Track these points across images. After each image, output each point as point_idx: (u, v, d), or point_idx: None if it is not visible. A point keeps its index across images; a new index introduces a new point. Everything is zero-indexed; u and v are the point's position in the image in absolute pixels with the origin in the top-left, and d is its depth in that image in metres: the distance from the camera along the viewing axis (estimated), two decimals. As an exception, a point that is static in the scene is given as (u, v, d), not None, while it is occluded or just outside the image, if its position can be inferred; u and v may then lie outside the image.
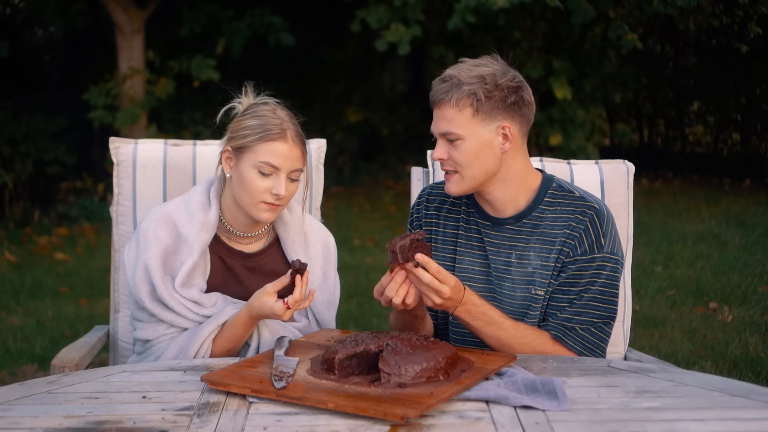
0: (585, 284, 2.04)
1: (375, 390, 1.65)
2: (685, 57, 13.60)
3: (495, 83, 2.03)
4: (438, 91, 2.05)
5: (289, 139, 2.09)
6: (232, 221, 2.19)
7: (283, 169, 2.07)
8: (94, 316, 5.10)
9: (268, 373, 1.76)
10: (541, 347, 2.02)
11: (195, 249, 2.11)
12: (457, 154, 2.04)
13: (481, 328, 2.01)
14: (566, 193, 2.11)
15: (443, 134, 2.05)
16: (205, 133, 9.36)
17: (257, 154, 2.07)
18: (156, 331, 2.10)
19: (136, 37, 8.77)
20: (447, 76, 2.06)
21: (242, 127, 2.12)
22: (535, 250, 2.08)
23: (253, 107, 2.17)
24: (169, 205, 2.18)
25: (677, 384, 1.73)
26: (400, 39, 7.92)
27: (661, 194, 9.96)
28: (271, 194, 2.07)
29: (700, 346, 4.49)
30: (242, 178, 2.09)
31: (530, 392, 1.65)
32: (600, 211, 2.08)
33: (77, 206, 8.70)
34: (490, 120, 2.03)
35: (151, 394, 1.69)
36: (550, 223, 2.08)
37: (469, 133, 2.03)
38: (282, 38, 8.76)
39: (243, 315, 2.05)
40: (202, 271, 2.14)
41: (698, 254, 6.64)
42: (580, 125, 9.38)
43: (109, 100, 8.64)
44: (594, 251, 2.04)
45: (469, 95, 2.01)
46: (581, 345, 2.03)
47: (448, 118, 2.03)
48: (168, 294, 2.07)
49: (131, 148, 2.64)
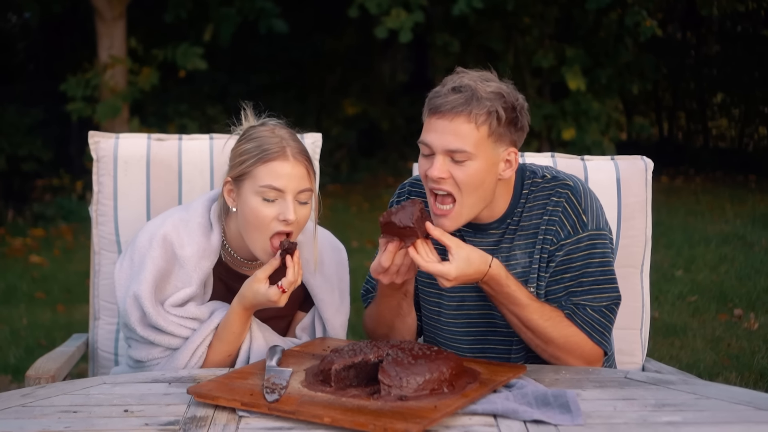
0: (580, 267, 2.03)
1: (374, 403, 1.65)
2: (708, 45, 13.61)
3: (512, 103, 1.99)
4: (451, 101, 1.95)
5: (289, 157, 2.01)
6: (238, 248, 2.15)
7: (289, 191, 2.00)
8: (72, 324, 5.10)
9: (259, 385, 1.76)
10: (565, 329, 2.01)
11: (194, 279, 2.08)
12: (462, 175, 1.97)
13: (504, 306, 2.00)
14: (538, 179, 2.10)
15: (450, 150, 1.95)
16: (191, 126, 9.36)
17: (257, 178, 2.01)
18: (150, 354, 2.09)
19: (117, 23, 8.76)
20: (462, 85, 1.97)
21: (239, 153, 2.06)
22: (520, 247, 2.08)
23: (249, 130, 2.10)
24: (166, 224, 2.13)
25: (699, 397, 1.73)
26: (401, 25, 7.93)
27: (682, 192, 9.96)
28: (280, 221, 2.00)
29: (723, 356, 4.49)
30: (246, 209, 2.03)
31: (541, 405, 1.65)
32: (575, 187, 2.07)
33: (54, 205, 8.70)
34: (500, 143, 1.99)
35: (134, 408, 1.69)
36: (528, 215, 2.08)
37: (480, 153, 1.96)
38: (274, 24, 8.76)
39: (236, 309, 2.04)
40: (201, 299, 2.12)
41: (722, 257, 6.64)
42: (594, 118, 9.39)
43: (88, 91, 8.64)
44: (578, 231, 2.03)
45: (490, 113, 1.95)
46: (590, 326, 2.03)
47: (462, 134, 1.95)
48: (162, 319, 2.05)
49: (112, 143, 2.64)
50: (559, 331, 2.00)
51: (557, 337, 2.00)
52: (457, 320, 2.16)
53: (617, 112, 11.66)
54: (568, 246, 2.03)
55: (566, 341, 2.00)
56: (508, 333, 2.10)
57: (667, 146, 13.15)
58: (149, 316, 2.03)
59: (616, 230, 2.43)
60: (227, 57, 10.71)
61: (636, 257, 2.46)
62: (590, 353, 2.03)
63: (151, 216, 2.59)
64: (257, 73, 11.49)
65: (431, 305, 2.21)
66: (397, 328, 2.16)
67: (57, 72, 9.73)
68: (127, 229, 2.59)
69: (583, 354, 2.02)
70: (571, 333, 2.01)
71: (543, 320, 1.99)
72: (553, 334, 1.99)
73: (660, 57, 11.56)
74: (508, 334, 2.11)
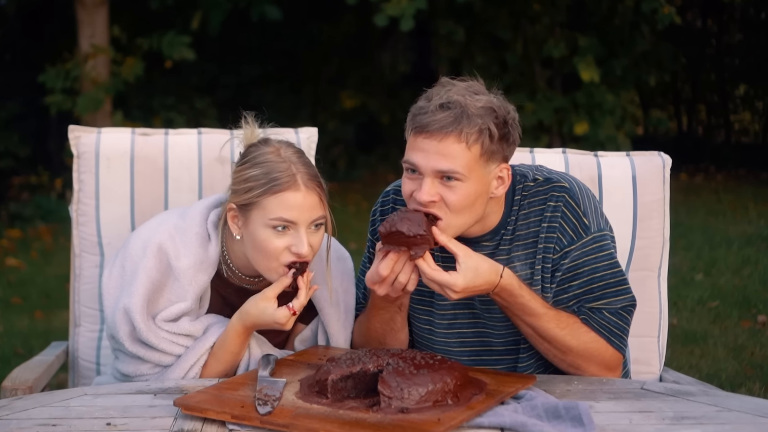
0: (588, 273, 2.03)
1: (374, 416, 1.65)
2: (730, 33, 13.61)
3: (504, 118, 1.96)
4: (439, 120, 1.91)
5: (301, 186, 1.98)
6: (240, 265, 2.12)
7: (301, 222, 1.98)
8: (50, 331, 5.09)
9: (250, 396, 1.76)
10: (583, 335, 2.00)
11: (189, 293, 2.06)
12: (452, 197, 1.94)
13: (518, 318, 2.00)
14: (530, 182, 2.09)
15: (440, 172, 1.92)
16: (178, 120, 9.36)
17: (266, 210, 1.98)
18: (138, 370, 2.07)
19: (99, 10, 8.76)
20: (450, 101, 1.93)
21: (244, 179, 2.02)
22: (519, 258, 2.07)
23: (252, 151, 2.06)
24: (161, 232, 2.11)
25: (721, 409, 1.73)
26: (402, 13, 7.92)
27: (702, 191, 9.96)
28: (292, 253, 1.99)
29: (746, 366, 4.49)
30: (255, 241, 2.01)
31: (552, 418, 1.65)
32: (571, 188, 2.06)
33: (32, 205, 8.69)
34: (492, 161, 1.97)
35: (117, 421, 1.69)
36: (524, 222, 2.07)
37: (472, 174, 1.94)
38: (267, 11, 8.75)
39: (236, 327, 2.02)
40: (195, 314, 2.10)
41: (745, 260, 6.64)
42: (609, 112, 9.38)
43: (68, 82, 8.63)
44: (581, 235, 2.03)
45: (481, 131, 1.92)
46: (608, 330, 2.03)
47: (451, 155, 1.91)
48: (153, 335, 2.03)
49: (93, 138, 2.64)
50: (577, 339, 2.00)
51: (576, 345, 2.00)
52: (449, 339, 2.15)
53: (633, 105, 11.67)
54: (573, 252, 2.03)
55: (585, 348, 2.01)
56: (505, 351, 2.10)
57: (686, 141, 13.15)
58: (140, 331, 2.02)
59: (632, 231, 2.44)
60: (216, 46, 10.70)
61: (653, 260, 2.46)
62: (610, 359, 2.03)
63: (136, 216, 2.59)
64: (248, 64, 11.48)
65: (422, 323, 2.19)
66: (389, 345, 2.14)
67: (35, 62, 9.72)
68: (109, 230, 2.59)
69: (603, 360, 2.02)
70: (589, 339, 2.01)
71: (560, 329, 1.99)
72: (572, 343, 2.00)
73: (679, 46, 11.56)
74: (505, 353, 2.11)
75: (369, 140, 12.38)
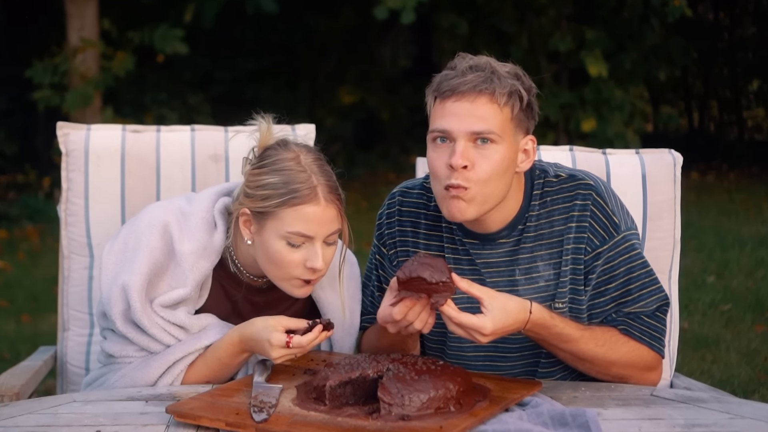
0: (624, 274, 2.04)
1: (373, 423, 1.65)
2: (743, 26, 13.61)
3: (529, 85, 1.99)
4: (470, 81, 1.92)
5: (321, 200, 1.98)
6: (247, 264, 2.12)
7: (318, 236, 1.98)
8: (38, 336, 5.10)
9: (245, 403, 1.76)
10: (623, 346, 2.01)
11: (190, 279, 2.05)
12: (485, 162, 1.93)
13: (555, 347, 2.00)
14: (552, 178, 2.09)
15: (475, 133, 1.92)
16: (170, 117, 9.36)
17: (283, 222, 1.97)
18: (125, 350, 2.07)
19: (88, 2, 8.76)
20: (478, 64, 1.96)
21: (261, 185, 2.01)
22: (543, 258, 2.06)
23: (271, 154, 2.04)
24: (167, 212, 2.10)
25: (733, 416, 1.73)
26: (403, 5, 7.93)
27: (714, 190, 9.96)
28: (306, 268, 1.99)
29: (760, 371, 4.49)
30: (268, 251, 2.01)
31: (558, 426, 1.65)
32: (597, 186, 2.07)
33: (18, 204, 8.70)
34: (519, 129, 1.99)
35: (107, 428, 1.69)
36: (547, 221, 2.06)
37: (505, 137, 1.95)
38: (263, 4, 8.76)
39: (233, 337, 2.02)
40: (194, 302, 2.10)
41: (758, 261, 6.64)
42: (617, 108, 9.39)
43: (56, 77, 8.64)
44: (613, 235, 2.04)
45: (512, 93, 1.94)
46: (649, 335, 2.04)
47: (486, 116, 1.92)
48: (147, 319, 2.02)
49: (83, 136, 2.64)
50: (618, 352, 2.01)
51: (618, 358, 2.01)
52: (463, 343, 2.12)
53: (642, 101, 11.67)
54: (606, 253, 2.03)
55: (628, 359, 2.02)
56: (520, 357, 2.10)
57: (698, 139, 13.16)
58: (134, 311, 2.01)
59: (642, 232, 2.43)
60: (211, 40, 10.71)
61: (663, 261, 2.46)
62: (652, 361, 2.06)
63: (127, 216, 2.59)
64: (243, 58, 11.49)
65: (434, 326, 2.17)
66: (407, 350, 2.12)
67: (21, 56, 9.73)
68: (99, 230, 2.59)
69: (646, 364, 2.05)
70: (630, 349, 2.03)
71: (599, 347, 2.00)
72: (614, 357, 2.01)
73: (690, 40, 11.57)
74: (520, 358, 2.10)
75: (368, 137, 12.39)
